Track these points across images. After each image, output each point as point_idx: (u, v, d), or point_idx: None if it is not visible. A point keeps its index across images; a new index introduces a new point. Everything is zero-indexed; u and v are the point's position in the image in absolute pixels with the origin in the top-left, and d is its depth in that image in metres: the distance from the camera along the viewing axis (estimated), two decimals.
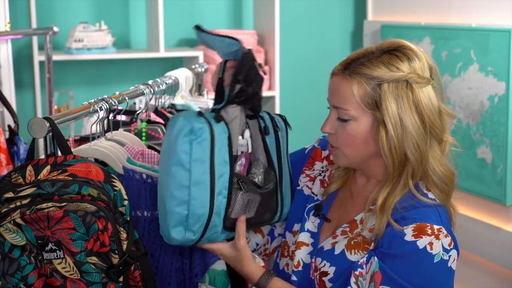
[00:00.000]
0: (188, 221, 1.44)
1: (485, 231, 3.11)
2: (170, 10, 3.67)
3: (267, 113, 1.64)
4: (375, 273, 1.41)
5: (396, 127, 1.43)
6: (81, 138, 2.00)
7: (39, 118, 1.41)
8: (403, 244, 1.40)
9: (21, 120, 2.27)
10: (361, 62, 1.45)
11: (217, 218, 1.47)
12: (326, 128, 1.51)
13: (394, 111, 1.42)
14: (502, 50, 2.93)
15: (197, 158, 1.43)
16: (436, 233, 1.40)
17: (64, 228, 1.34)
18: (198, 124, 1.44)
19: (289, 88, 4.01)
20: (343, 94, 1.46)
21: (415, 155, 1.44)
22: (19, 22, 3.37)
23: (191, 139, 1.43)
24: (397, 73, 1.43)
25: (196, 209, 1.44)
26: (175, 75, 2.28)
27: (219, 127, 1.48)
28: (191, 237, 1.45)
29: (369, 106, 1.44)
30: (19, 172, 1.40)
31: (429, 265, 1.40)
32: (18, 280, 1.35)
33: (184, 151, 1.42)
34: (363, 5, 4.07)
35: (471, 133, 3.13)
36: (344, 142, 1.48)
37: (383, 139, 1.44)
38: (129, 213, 1.45)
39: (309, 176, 1.69)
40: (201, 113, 1.47)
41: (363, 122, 1.46)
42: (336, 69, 1.49)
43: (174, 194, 1.43)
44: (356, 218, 1.53)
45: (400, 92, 1.43)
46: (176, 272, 1.62)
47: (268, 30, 3.73)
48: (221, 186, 1.46)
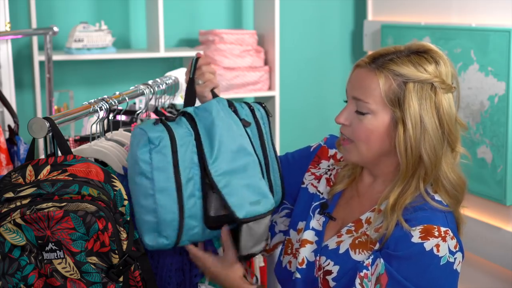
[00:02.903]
0: (159, 227, 1.47)
1: (485, 231, 3.11)
2: (170, 10, 3.67)
3: (246, 104, 1.64)
4: (381, 275, 1.40)
5: (415, 127, 1.43)
6: (81, 138, 2.00)
7: (39, 118, 1.41)
8: (410, 245, 1.40)
9: (21, 120, 2.27)
10: (390, 58, 1.46)
11: (193, 220, 1.49)
12: (341, 119, 1.50)
13: (416, 110, 1.42)
14: (502, 50, 2.93)
15: (159, 166, 1.45)
16: (443, 235, 1.40)
17: (64, 228, 1.34)
18: (155, 133, 1.46)
19: (289, 88, 4.00)
20: (367, 87, 1.45)
21: (430, 158, 1.44)
22: (19, 22, 3.37)
23: (150, 148, 1.45)
24: (424, 74, 1.43)
25: (164, 215, 1.46)
26: (175, 75, 2.28)
27: (182, 130, 1.49)
28: (165, 242, 1.48)
29: (391, 102, 1.44)
30: (19, 172, 1.40)
31: (436, 268, 1.40)
32: (18, 280, 1.35)
33: (144, 161, 1.45)
34: (363, 5, 4.07)
35: (471, 133, 3.12)
36: (359, 136, 1.48)
37: (400, 138, 1.43)
38: (129, 213, 1.45)
39: (315, 175, 1.68)
40: (159, 120, 1.49)
41: (381, 117, 1.45)
42: (362, 61, 1.49)
43: (141, 203, 1.47)
44: (362, 218, 1.52)
45: (424, 94, 1.43)
46: (176, 272, 1.62)
47: (268, 30, 3.73)
48: (192, 189, 1.48)
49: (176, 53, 3.59)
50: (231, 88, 3.62)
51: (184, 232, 1.48)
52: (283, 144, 3.83)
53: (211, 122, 1.51)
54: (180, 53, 3.60)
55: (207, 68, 1.63)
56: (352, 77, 1.51)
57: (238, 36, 3.64)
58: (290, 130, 4.00)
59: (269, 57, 3.75)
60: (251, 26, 3.93)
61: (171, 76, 2.26)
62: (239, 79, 3.64)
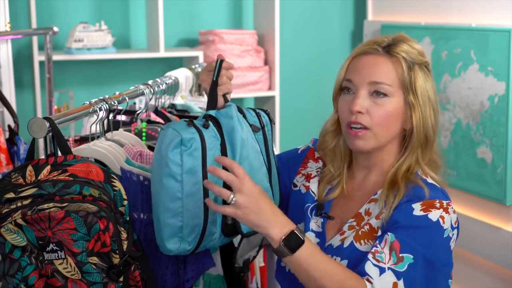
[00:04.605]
0: (182, 232, 1.45)
1: (485, 231, 3.11)
2: (170, 10, 3.67)
3: (253, 110, 1.63)
4: (392, 243, 1.41)
5: (425, 105, 1.52)
6: (81, 138, 1.99)
7: (39, 118, 1.41)
8: (414, 218, 1.43)
9: (21, 120, 2.26)
10: (392, 42, 1.55)
11: (213, 226, 1.48)
12: (357, 107, 1.51)
13: (424, 90, 1.52)
14: (502, 50, 2.93)
15: (189, 169, 1.43)
16: (445, 207, 1.45)
17: (65, 229, 1.34)
18: (188, 134, 1.44)
19: (289, 88, 4.00)
20: (386, 71, 1.52)
21: (434, 132, 1.54)
22: (19, 22, 3.37)
23: (181, 150, 1.43)
24: (422, 58, 1.55)
25: (190, 220, 1.44)
26: (175, 75, 2.28)
27: (210, 133, 1.48)
28: (186, 247, 1.46)
29: (404, 84, 1.52)
30: (19, 172, 1.40)
31: (440, 238, 1.43)
32: (19, 281, 1.35)
33: (175, 163, 1.43)
34: (363, 5, 4.07)
35: (471, 133, 3.12)
36: (379, 120, 1.51)
37: (416, 117, 1.51)
38: (128, 213, 1.45)
39: (304, 175, 1.69)
40: (191, 122, 1.47)
41: (396, 100, 1.52)
42: (369, 48, 1.55)
43: (167, 206, 1.44)
44: (361, 211, 1.54)
45: (426, 74, 1.54)
46: (172, 276, 1.60)
47: (268, 30, 3.73)
48: (215, 194, 1.45)
49: (176, 53, 3.59)
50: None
51: (205, 238, 1.47)
52: (283, 144, 3.83)
53: (231, 128, 1.50)
54: (180, 53, 3.60)
55: (226, 73, 1.62)
56: (363, 64, 1.54)
57: (238, 36, 3.64)
58: (290, 130, 4.00)
59: (269, 57, 3.75)
60: (251, 26, 3.93)
61: (171, 76, 2.26)
62: (239, 79, 3.64)
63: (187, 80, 2.39)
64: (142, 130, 1.90)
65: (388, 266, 1.39)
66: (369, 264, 1.40)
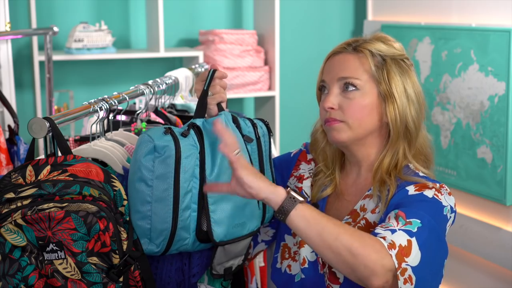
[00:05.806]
0: (151, 235, 1.48)
1: (485, 231, 3.11)
2: (170, 10, 3.67)
3: (249, 120, 1.65)
4: (396, 213, 1.42)
5: (401, 98, 1.53)
6: (81, 138, 1.99)
7: (39, 118, 1.41)
8: (411, 196, 1.46)
9: (21, 120, 2.27)
10: (363, 40, 1.58)
11: (185, 231, 1.50)
12: (328, 103, 1.54)
13: (399, 83, 1.54)
14: (502, 50, 2.93)
15: (160, 175, 1.46)
16: (437, 188, 1.47)
17: (65, 229, 1.34)
18: (162, 142, 1.47)
19: (289, 88, 4.00)
20: (353, 66, 1.54)
21: (415, 124, 1.54)
22: (19, 22, 3.37)
23: (154, 157, 1.46)
24: (396, 51, 1.57)
25: (158, 224, 1.47)
26: (175, 75, 2.28)
27: (188, 142, 1.50)
28: (154, 249, 1.49)
29: (376, 78, 1.53)
30: (19, 172, 1.40)
31: (440, 214, 1.44)
32: (19, 281, 1.35)
33: (147, 168, 1.46)
34: (363, 5, 4.07)
35: (471, 133, 3.13)
36: (351, 113, 1.53)
37: (390, 108, 1.53)
38: (128, 213, 1.46)
39: (297, 177, 1.71)
40: (169, 130, 1.49)
41: (369, 93, 1.53)
42: (339, 48, 1.59)
43: (137, 209, 1.47)
44: (356, 207, 1.56)
45: (402, 68, 1.56)
46: (176, 272, 1.62)
47: (268, 30, 3.73)
48: (188, 201, 1.49)
49: (176, 53, 3.59)
50: (231, 88, 3.62)
51: (174, 242, 1.49)
52: (283, 144, 3.83)
53: (216, 138, 1.51)
54: (180, 53, 3.60)
55: (219, 82, 1.62)
56: (333, 63, 1.58)
57: (238, 36, 3.64)
58: (290, 130, 4.00)
59: (269, 57, 3.75)
60: (251, 26, 3.93)
61: (171, 76, 2.26)
62: (239, 79, 3.64)
63: (187, 80, 2.39)
64: (142, 130, 1.90)
65: (398, 228, 1.39)
66: (379, 229, 1.39)
